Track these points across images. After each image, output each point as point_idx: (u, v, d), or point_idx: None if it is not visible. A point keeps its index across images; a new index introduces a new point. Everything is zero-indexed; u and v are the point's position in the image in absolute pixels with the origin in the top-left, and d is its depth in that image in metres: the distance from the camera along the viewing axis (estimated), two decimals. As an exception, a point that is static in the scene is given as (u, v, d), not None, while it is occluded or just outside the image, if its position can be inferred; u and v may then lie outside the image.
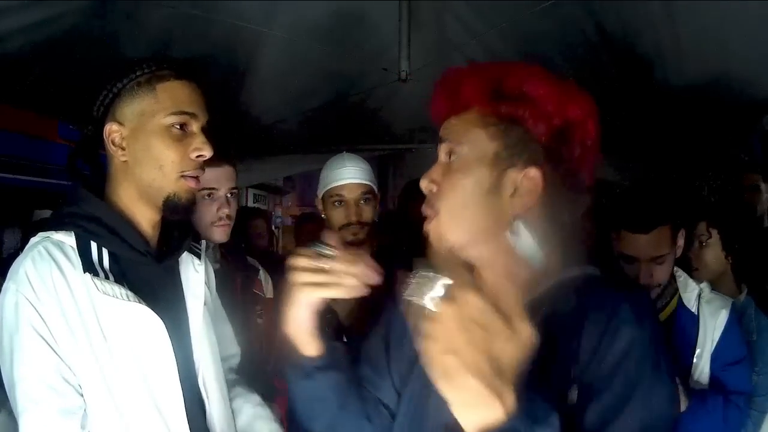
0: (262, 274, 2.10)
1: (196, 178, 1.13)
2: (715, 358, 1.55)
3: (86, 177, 1.17)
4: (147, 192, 1.12)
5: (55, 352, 1.04)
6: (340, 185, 1.84)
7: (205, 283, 1.24)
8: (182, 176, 1.11)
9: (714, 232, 1.92)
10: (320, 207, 1.96)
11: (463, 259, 0.88)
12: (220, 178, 1.69)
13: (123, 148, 1.11)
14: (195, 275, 1.22)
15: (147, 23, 2.21)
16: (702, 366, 1.57)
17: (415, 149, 4.05)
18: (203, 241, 1.32)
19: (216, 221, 1.69)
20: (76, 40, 2.12)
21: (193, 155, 1.11)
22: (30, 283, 1.04)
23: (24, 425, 1.03)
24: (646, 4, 2.12)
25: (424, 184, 0.93)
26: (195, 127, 1.12)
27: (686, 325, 1.59)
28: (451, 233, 0.89)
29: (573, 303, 0.88)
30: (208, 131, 1.14)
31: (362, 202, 1.85)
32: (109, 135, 1.11)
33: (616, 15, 2.25)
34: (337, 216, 1.84)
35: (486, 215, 0.88)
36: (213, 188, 1.68)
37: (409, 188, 3.56)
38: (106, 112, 1.12)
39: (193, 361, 1.18)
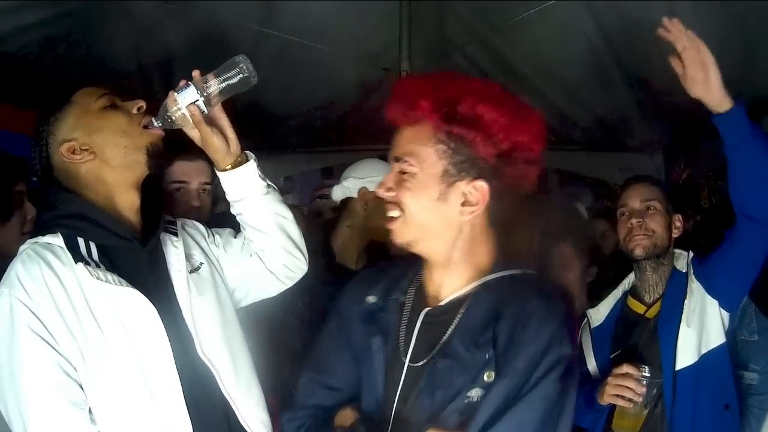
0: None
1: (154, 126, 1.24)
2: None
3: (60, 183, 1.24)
4: (126, 163, 1.19)
5: (54, 349, 1.05)
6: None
7: (187, 254, 1.28)
8: (144, 128, 1.21)
9: None
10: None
11: (416, 252, 1.05)
12: (191, 172, 1.68)
13: (86, 150, 1.18)
14: (174, 250, 1.27)
15: (145, 23, 2.22)
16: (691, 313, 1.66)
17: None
18: (178, 221, 1.35)
19: (187, 215, 1.66)
20: (75, 40, 2.12)
21: (134, 110, 1.21)
22: (21, 284, 1.06)
23: (34, 425, 1.02)
24: (646, 4, 2.12)
25: (381, 192, 1.04)
26: (118, 100, 1.24)
27: (678, 282, 1.71)
28: (407, 233, 1.03)
29: (493, 298, 1.01)
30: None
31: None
32: (69, 152, 1.18)
33: (616, 15, 2.26)
34: None
35: (436, 220, 1.02)
36: (183, 182, 1.67)
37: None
38: (48, 151, 1.20)
39: (190, 337, 1.18)
